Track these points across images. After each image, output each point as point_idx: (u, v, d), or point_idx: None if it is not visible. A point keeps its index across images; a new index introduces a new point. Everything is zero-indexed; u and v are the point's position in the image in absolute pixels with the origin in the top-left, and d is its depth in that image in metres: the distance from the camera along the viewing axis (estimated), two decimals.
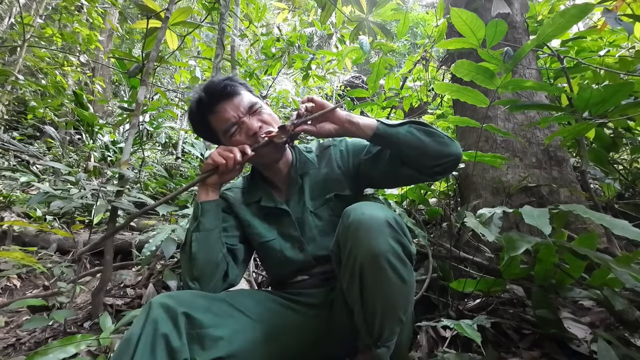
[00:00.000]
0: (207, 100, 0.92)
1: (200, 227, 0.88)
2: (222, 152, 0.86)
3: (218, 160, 0.85)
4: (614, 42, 1.88)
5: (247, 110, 0.92)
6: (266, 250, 0.99)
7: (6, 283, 1.94)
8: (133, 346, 0.65)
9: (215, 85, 0.92)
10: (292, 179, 1.02)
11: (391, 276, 0.69)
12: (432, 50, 2.82)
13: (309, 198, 1.00)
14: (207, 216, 0.88)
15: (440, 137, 0.85)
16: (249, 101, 0.93)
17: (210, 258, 0.87)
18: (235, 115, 0.90)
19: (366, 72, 10.34)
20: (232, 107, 0.91)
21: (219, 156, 0.85)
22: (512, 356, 0.92)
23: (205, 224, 0.88)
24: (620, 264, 0.71)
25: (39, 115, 4.52)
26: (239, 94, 0.93)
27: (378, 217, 0.70)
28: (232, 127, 0.91)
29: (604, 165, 1.62)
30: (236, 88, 0.93)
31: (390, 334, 0.75)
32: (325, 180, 1.02)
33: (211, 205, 0.90)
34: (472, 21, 1.01)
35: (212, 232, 0.88)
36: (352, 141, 1.07)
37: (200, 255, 0.86)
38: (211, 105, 0.91)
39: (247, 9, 3.41)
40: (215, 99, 0.91)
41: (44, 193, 1.46)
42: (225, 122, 0.91)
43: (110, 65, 5.40)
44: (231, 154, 0.85)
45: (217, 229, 0.90)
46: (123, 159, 1.43)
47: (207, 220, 0.88)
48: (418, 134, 0.85)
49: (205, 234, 0.87)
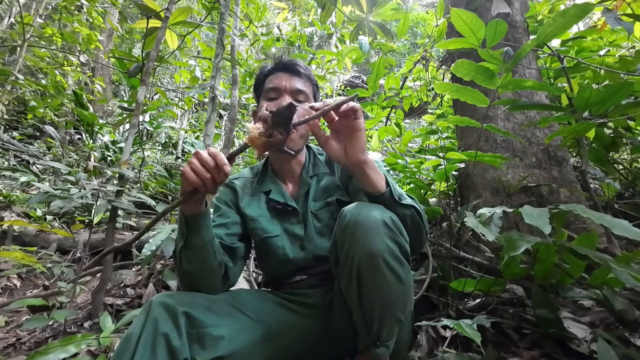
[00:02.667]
0: (274, 66, 1.02)
1: (189, 245, 0.79)
2: (198, 170, 0.67)
3: (195, 181, 0.67)
4: (614, 42, 1.88)
5: (294, 91, 0.97)
6: (267, 246, 0.97)
7: (6, 283, 1.94)
8: (133, 345, 0.65)
9: (288, 59, 1.03)
10: (303, 179, 1.03)
11: (388, 276, 0.69)
12: (432, 50, 2.82)
13: (312, 199, 1.00)
14: (195, 234, 0.78)
15: (422, 234, 0.81)
16: (302, 86, 0.99)
17: (204, 269, 0.83)
18: (283, 85, 0.97)
19: (366, 72, 10.34)
20: (286, 79, 0.98)
21: (194, 177, 0.67)
22: (512, 356, 0.92)
23: (194, 242, 0.78)
24: (620, 264, 0.71)
25: (39, 115, 4.52)
26: (300, 76, 1.00)
27: (374, 217, 0.70)
28: (274, 92, 0.97)
29: (604, 165, 1.62)
30: (302, 71, 1.01)
31: (389, 333, 0.75)
32: (329, 184, 1.02)
33: (199, 219, 0.77)
34: (472, 21, 1.01)
35: (203, 248, 0.80)
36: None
37: (193, 270, 0.82)
38: (275, 70, 1.01)
39: (247, 8, 3.41)
40: (281, 67, 1.01)
41: (44, 193, 1.46)
42: (274, 84, 0.98)
43: (110, 65, 5.40)
44: (208, 174, 0.66)
45: (208, 243, 0.80)
46: (123, 159, 1.43)
47: (196, 238, 0.78)
48: (411, 224, 0.78)
49: (195, 251, 0.80)
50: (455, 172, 1.63)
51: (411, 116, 4.58)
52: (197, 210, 0.77)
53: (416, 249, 0.83)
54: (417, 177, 1.67)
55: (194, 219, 0.77)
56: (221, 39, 1.95)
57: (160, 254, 1.69)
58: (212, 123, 1.84)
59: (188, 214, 0.77)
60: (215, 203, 1.03)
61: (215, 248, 0.83)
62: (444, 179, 1.41)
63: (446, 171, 1.36)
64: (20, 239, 2.35)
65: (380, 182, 0.76)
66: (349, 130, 0.72)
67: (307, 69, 1.03)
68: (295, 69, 1.00)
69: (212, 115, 1.85)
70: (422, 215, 0.82)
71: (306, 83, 1.01)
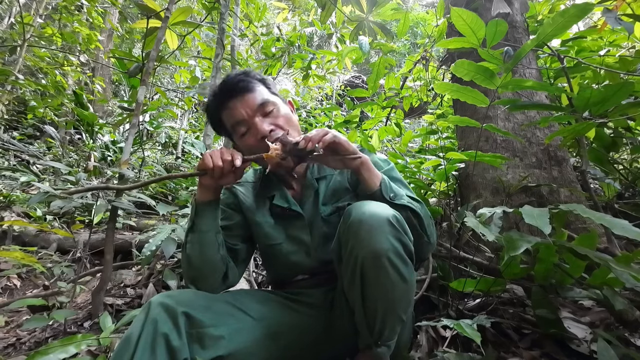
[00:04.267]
0: (220, 95, 0.90)
1: (195, 228, 0.85)
2: (214, 156, 0.78)
3: (207, 163, 0.77)
4: (614, 42, 1.88)
5: (258, 109, 0.88)
6: (272, 252, 0.97)
7: (6, 283, 1.94)
8: (133, 346, 0.65)
9: (229, 80, 0.90)
10: (308, 181, 0.99)
11: (392, 275, 0.69)
12: (432, 50, 2.82)
13: (321, 203, 0.97)
14: (202, 218, 0.85)
15: (421, 240, 0.81)
16: (261, 99, 0.89)
17: (205, 259, 0.85)
18: (244, 113, 0.88)
19: (366, 72, 10.34)
20: (243, 104, 0.88)
21: (209, 159, 0.78)
22: (512, 356, 0.92)
23: (200, 226, 0.85)
24: (620, 264, 0.71)
25: (39, 115, 4.52)
26: (252, 91, 0.89)
27: (379, 216, 0.70)
28: (241, 125, 0.89)
29: (604, 165, 1.62)
30: (250, 84, 0.90)
31: (391, 333, 0.75)
32: (339, 187, 0.98)
33: (207, 207, 0.85)
34: (472, 21, 1.01)
35: (206, 234, 0.85)
36: (373, 160, 1.01)
37: (195, 256, 0.85)
38: (223, 101, 0.90)
39: (247, 8, 3.41)
40: (227, 95, 0.89)
41: (44, 193, 1.46)
42: (234, 119, 0.89)
43: (110, 65, 5.40)
44: (220, 162, 0.77)
45: (212, 231, 0.86)
46: (123, 159, 1.43)
47: (202, 222, 0.85)
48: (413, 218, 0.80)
49: (199, 235, 0.85)
50: (455, 172, 1.63)
51: (411, 116, 4.58)
52: (209, 197, 0.85)
53: (416, 255, 0.76)
54: (417, 177, 1.67)
55: (204, 205, 0.85)
56: (221, 39, 1.95)
57: (160, 254, 1.69)
58: None
59: (200, 200, 0.85)
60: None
61: (219, 241, 0.87)
62: (444, 179, 1.41)
63: (446, 171, 1.36)
64: (20, 239, 2.35)
65: (375, 182, 0.80)
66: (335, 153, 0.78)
67: (248, 75, 0.92)
68: (241, 86, 0.88)
69: None
70: (423, 220, 0.81)
71: (260, 90, 0.91)
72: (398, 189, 0.84)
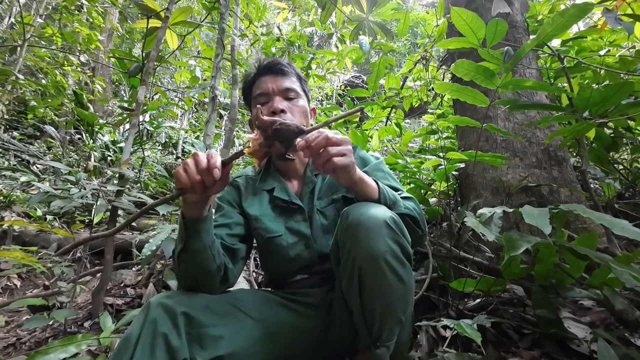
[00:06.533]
0: (261, 69, 1.02)
1: (187, 249, 0.77)
2: (189, 170, 0.67)
3: (183, 181, 0.67)
4: (614, 42, 1.88)
5: (283, 91, 0.97)
6: (271, 246, 0.96)
7: (6, 282, 1.95)
8: (132, 346, 0.65)
9: (269, 61, 1.03)
10: (307, 177, 1.03)
11: (390, 277, 0.69)
12: (432, 50, 2.82)
13: (317, 197, 1.00)
14: (194, 236, 0.76)
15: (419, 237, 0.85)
16: (290, 84, 0.99)
17: (202, 271, 0.80)
18: (270, 87, 0.97)
19: (366, 72, 10.34)
20: (273, 82, 0.98)
21: (184, 176, 0.67)
22: (512, 356, 0.92)
23: (193, 245, 0.76)
24: (620, 264, 0.71)
25: (39, 115, 4.53)
26: (286, 75, 1.00)
27: (377, 218, 0.70)
28: (263, 97, 0.98)
29: (604, 165, 1.62)
30: (288, 71, 1.00)
31: (390, 334, 0.75)
32: (334, 181, 1.01)
33: (199, 223, 0.76)
34: (472, 21, 1.01)
35: (201, 253, 0.77)
36: (364, 156, 1.04)
37: (190, 270, 0.80)
38: (261, 73, 1.01)
39: (247, 8, 3.41)
40: (266, 70, 1.01)
41: (44, 192, 1.46)
42: (261, 89, 0.98)
43: (110, 65, 5.40)
44: (197, 176, 0.66)
45: (206, 247, 0.78)
46: (123, 159, 1.43)
47: (195, 242, 0.76)
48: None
49: (193, 255, 0.78)
50: (455, 172, 1.63)
51: (411, 116, 4.58)
52: (197, 215, 0.75)
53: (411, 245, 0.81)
54: (417, 177, 1.67)
55: (194, 223, 0.75)
56: (221, 39, 1.95)
57: (160, 254, 1.69)
58: (212, 123, 1.84)
59: (188, 217, 0.75)
60: (218, 202, 1.02)
61: (214, 252, 0.81)
62: (444, 179, 1.41)
63: (446, 171, 1.36)
64: (21, 238, 2.35)
65: (373, 194, 0.79)
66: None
67: (290, 66, 1.03)
68: (279, 68, 1.00)
69: (212, 115, 1.85)
70: (419, 220, 0.83)
71: (293, 80, 1.01)
72: (394, 194, 0.84)
